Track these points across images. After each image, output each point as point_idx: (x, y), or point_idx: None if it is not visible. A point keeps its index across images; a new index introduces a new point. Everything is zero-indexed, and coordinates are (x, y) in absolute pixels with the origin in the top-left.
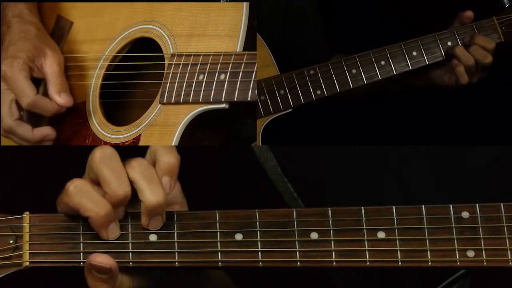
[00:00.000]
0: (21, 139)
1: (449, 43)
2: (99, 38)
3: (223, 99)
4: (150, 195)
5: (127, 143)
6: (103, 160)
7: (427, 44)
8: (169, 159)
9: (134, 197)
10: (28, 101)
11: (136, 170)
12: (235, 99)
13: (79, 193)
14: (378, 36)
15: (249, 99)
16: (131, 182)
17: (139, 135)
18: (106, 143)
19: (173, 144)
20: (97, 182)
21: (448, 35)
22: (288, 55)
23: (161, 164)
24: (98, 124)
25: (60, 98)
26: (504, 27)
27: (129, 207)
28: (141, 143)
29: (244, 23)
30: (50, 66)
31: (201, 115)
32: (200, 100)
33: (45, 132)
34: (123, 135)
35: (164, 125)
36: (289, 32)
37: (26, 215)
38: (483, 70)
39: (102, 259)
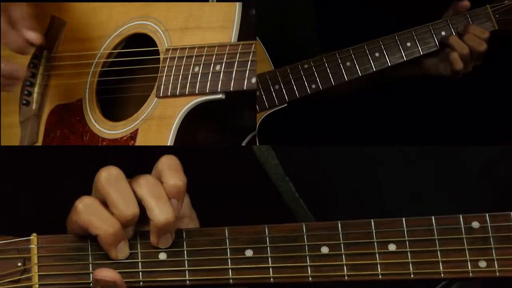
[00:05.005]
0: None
1: (443, 33)
2: (93, 36)
3: (219, 90)
4: (159, 213)
5: (124, 138)
6: (108, 181)
7: (421, 35)
8: (175, 182)
9: (142, 215)
10: None
11: (144, 188)
12: (231, 89)
13: (88, 211)
14: (371, 29)
15: (245, 88)
16: (139, 200)
17: (137, 129)
18: (103, 139)
19: (170, 137)
20: (105, 202)
21: (441, 25)
22: (282, 50)
23: (168, 187)
24: (96, 121)
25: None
26: (498, 15)
27: (138, 225)
28: (138, 137)
29: (237, 14)
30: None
31: (198, 107)
32: (197, 91)
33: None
34: (120, 130)
35: (161, 118)
36: (284, 27)
37: (34, 237)
38: (478, 58)
39: (105, 273)
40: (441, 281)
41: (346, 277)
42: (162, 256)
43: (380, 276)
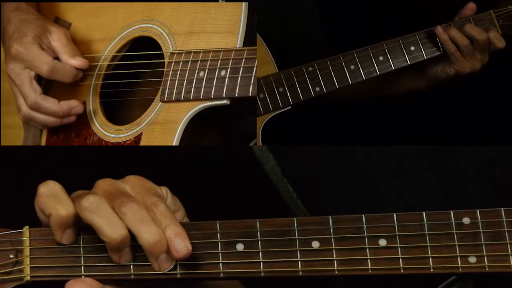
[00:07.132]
0: (48, 113)
1: None
2: (98, 39)
3: (224, 95)
4: (147, 236)
5: (128, 142)
6: (90, 209)
7: (424, 39)
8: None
9: None
10: (47, 67)
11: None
12: (236, 95)
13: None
14: (377, 33)
15: (250, 94)
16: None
17: (140, 134)
18: (107, 143)
19: (174, 142)
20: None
21: None
22: (287, 53)
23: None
24: (99, 124)
25: (75, 61)
26: (502, 20)
27: None
28: (142, 142)
29: (243, 19)
30: (58, 39)
31: (203, 112)
32: (201, 97)
33: (72, 103)
34: (124, 134)
35: (165, 123)
36: (288, 30)
37: (26, 229)
38: (483, 52)
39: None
40: (439, 280)
41: (336, 272)
42: None
43: (370, 271)
